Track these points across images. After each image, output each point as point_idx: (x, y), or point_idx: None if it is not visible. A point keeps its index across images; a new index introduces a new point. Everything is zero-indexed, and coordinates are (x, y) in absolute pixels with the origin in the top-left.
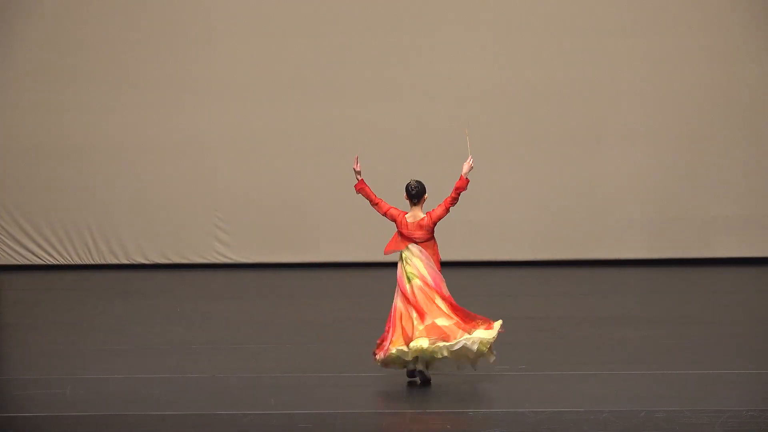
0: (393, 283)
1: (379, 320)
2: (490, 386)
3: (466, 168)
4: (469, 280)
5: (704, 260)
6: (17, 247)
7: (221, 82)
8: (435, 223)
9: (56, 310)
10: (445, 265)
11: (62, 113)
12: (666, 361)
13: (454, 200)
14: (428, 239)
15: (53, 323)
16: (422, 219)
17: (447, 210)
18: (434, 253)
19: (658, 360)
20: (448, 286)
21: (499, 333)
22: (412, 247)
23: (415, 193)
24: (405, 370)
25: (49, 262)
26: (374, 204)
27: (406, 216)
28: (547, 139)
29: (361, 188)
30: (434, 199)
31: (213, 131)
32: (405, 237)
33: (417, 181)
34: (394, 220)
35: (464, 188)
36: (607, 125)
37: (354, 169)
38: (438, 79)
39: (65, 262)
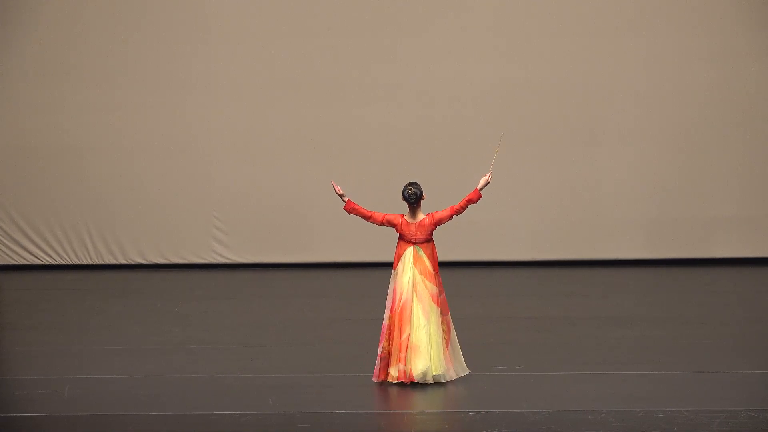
0: (388, 283)
1: (377, 320)
2: (488, 386)
3: (482, 182)
4: (468, 280)
5: (704, 260)
6: (16, 248)
7: (219, 83)
8: (436, 226)
9: (55, 310)
10: (444, 265)
11: (60, 113)
12: (664, 361)
13: (462, 209)
14: (428, 240)
15: (52, 323)
16: (423, 219)
17: (451, 217)
18: (432, 253)
19: (657, 360)
20: (445, 289)
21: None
22: (420, 247)
23: (414, 200)
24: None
25: (47, 263)
26: (368, 218)
27: (404, 217)
28: (547, 139)
29: (351, 208)
30: (433, 200)
31: (211, 132)
32: (406, 239)
33: (412, 185)
34: (394, 225)
35: (475, 201)
36: (606, 125)
37: (337, 193)
38: (436, 80)
39: (64, 263)
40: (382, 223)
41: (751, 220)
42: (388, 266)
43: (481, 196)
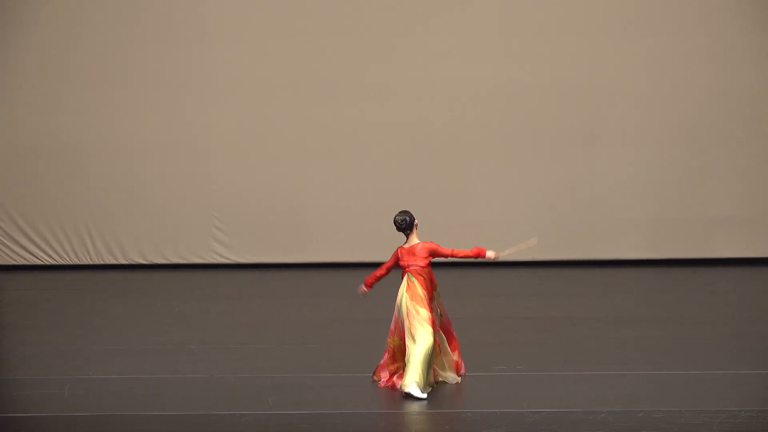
0: (390, 283)
1: (377, 320)
2: (488, 386)
3: (492, 255)
4: (468, 280)
5: (704, 260)
6: (16, 248)
7: (219, 83)
8: (430, 254)
9: (55, 311)
10: (445, 265)
11: (61, 114)
12: (664, 361)
13: (459, 255)
14: (423, 267)
15: (52, 323)
16: (415, 245)
17: (447, 257)
18: (426, 280)
19: (657, 360)
20: (445, 289)
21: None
22: (412, 273)
23: (404, 227)
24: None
25: (47, 263)
26: (386, 272)
27: (401, 246)
28: (548, 139)
29: (370, 283)
30: (434, 200)
31: (211, 132)
32: (403, 267)
33: (401, 214)
34: (398, 260)
35: (473, 257)
36: (607, 125)
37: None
38: (437, 80)
39: (64, 263)
40: (396, 265)
41: (751, 220)
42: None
43: (480, 257)
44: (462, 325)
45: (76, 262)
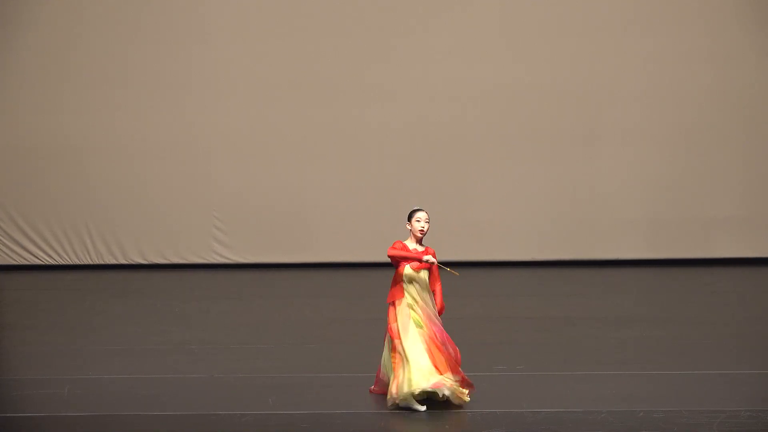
0: (389, 283)
1: (377, 320)
2: (488, 386)
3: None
4: (468, 280)
5: (704, 260)
6: (16, 248)
7: (219, 83)
8: (390, 254)
9: (55, 311)
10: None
11: (61, 114)
12: (664, 361)
13: (392, 258)
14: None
15: (52, 323)
16: None
17: (391, 258)
18: (391, 283)
19: (657, 360)
20: (445, 289)
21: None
22: None
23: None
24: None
25: (47, 263)
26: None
27: None
28: (548, 139)
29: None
30: (435, 200)
31: (211, 132)
32: None
33: (418, 208)
34: None
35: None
36: (607, 125)
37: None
38: (437, 80)
39: (64, 263)
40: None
41: (751, 220)
42: (388, 266)
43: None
44: (462, 325)
45: (76, 262)
